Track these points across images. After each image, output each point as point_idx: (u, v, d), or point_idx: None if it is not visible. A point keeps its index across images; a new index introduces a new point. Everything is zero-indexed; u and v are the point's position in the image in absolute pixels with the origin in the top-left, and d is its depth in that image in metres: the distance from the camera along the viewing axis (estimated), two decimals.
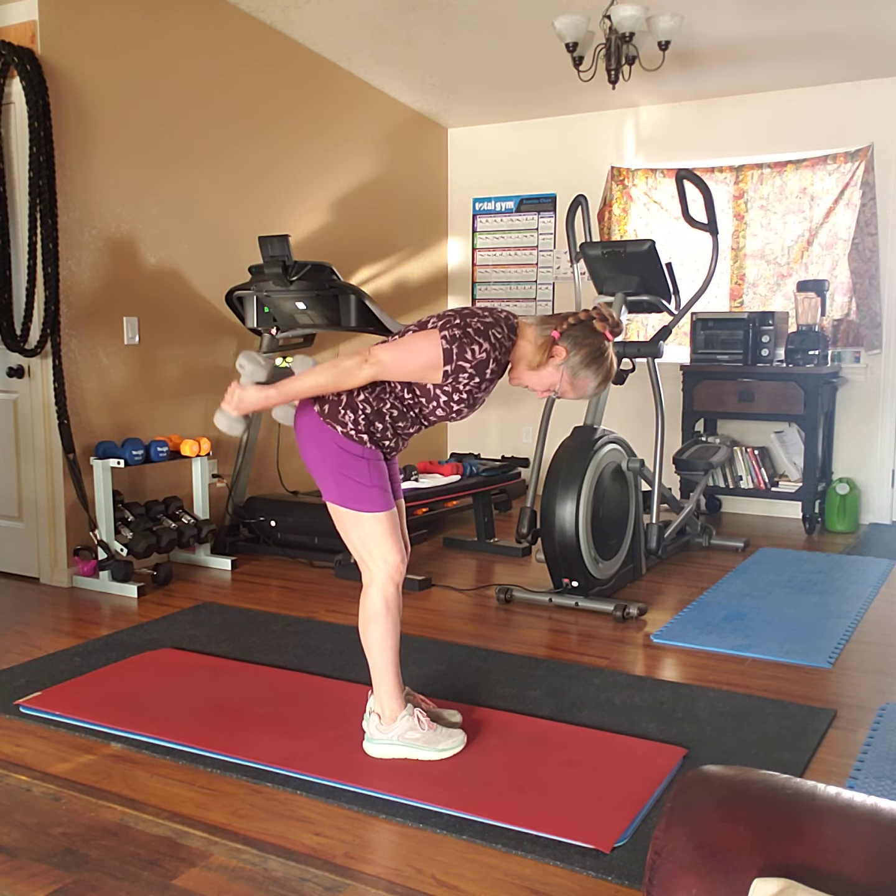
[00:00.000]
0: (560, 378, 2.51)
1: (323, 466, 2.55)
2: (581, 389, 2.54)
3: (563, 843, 2.19)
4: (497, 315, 2.50)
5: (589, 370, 2.50)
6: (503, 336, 2.47)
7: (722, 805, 1.17)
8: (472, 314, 2.48)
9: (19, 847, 2.20)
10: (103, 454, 4.30)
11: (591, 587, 4.05)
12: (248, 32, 5.09)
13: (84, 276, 4.37)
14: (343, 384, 2.46)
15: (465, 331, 2.42)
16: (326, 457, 2.54)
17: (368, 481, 2.53)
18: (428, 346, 2.43)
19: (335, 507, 2.58)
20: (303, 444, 2.59)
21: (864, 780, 2.49)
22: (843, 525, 5.59)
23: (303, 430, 2.58)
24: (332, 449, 2.52)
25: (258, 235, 4.70)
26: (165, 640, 3.62)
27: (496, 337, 2.45)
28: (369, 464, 2.54)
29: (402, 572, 2.60)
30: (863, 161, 5.51)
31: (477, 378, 2.45)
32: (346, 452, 2.52)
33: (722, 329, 5.67)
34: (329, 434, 2.52)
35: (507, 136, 6.68)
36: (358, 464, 2.53)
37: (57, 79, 4.16)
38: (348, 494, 2.53)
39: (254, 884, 2.05)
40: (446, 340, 2.42)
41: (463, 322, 2.45)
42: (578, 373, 2.50)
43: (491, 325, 2.45)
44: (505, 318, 2.51)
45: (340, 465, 2.52)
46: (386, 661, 2.61)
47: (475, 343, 2.41)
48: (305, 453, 2.59)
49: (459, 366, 2.42)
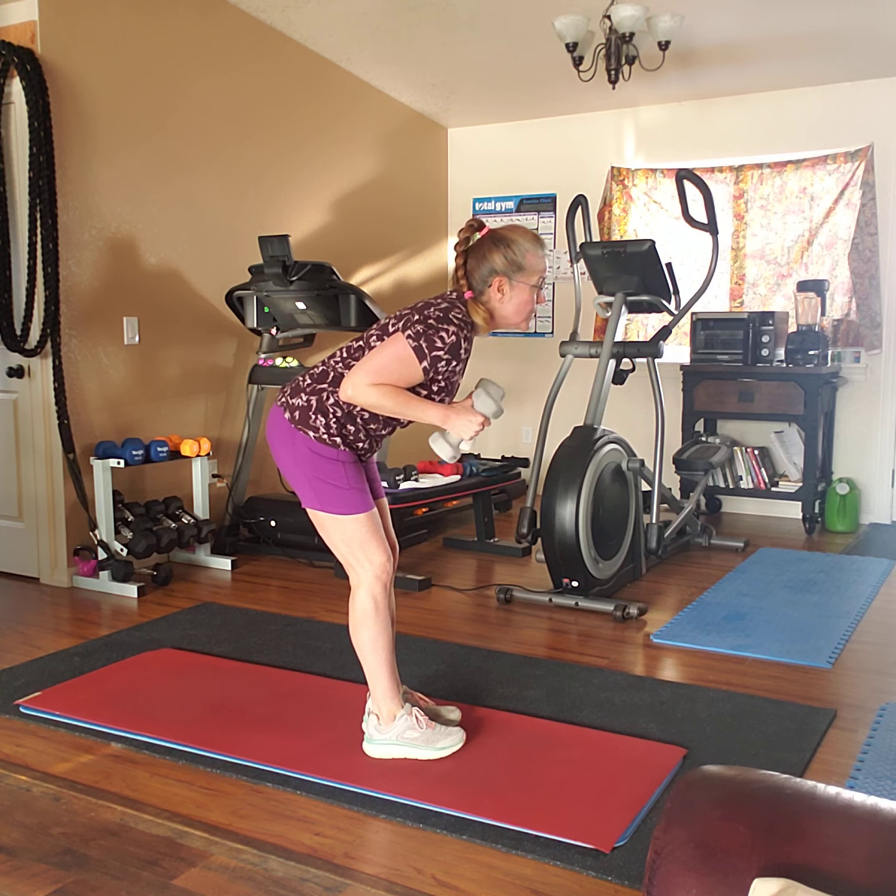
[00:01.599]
0: (514, 292, 2.53)
1: (298, 473, 2.54)
2: (535, 271, 2.54)
3: (563, 843, 2.19)
4: (449, 298, 2.54)
5: (514, 255, 2.51)
6: (463, 314, 2.50)
7: (722, 805, 1.17)
8: (426, 306, 2.51)
9: (19, 847, 2.19)
10: (103, 454, 4.30)
11: (590, 587, 4.05)
12: (248, 32, 5.09)
13: (84, 276, 4.37)
14: (389, 407, 2.46)
15: (426, 323, 2.45)
16: (301, 463, 2.53)
17: (346, 484, 2.53)
18: (397, 350, 2.44)
19: (315, 513, 2.57)
20: (277, 451, 2.59)
21: (865, 780, 2.49)
22: (843, 525, 5.59)
23: (276, 438, 2.58)
24: (306, 454, 2.52)
25: (258, 235, 4.70)
26: (165, 640, 3.62)
27: (458, 318, 2.47)
28: (345, 466, 2.53)
29: (389, 571, 2.60)
30: (863, 161, 5.51)
31: (454, 361, 2.48)
32: (320, 457, 2.51)
33: (722, 329, 5.67)
34: (302, 440, 2.52)
35: (507, 136, 6.68)
36: (333, 467, 2.52)
37: (57, 79, 4.16)
38: (326, 499, 2.53)
39: (254, 884, 2.05)
40: (412, 339, 2.44)
41: (421, 316, 2.47)
42: (514, 273, 2.52)
43: (448, 309, 2.48)
44: (458, 298, 2.54)
45: (315, 470, 2.52)
46: (379, 661, 2.61)
47: (441, 330, 2.44)
48: (280, 461, 2.58)
49: (435, 356, 2.44)
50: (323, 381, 2.54)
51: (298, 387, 2.57)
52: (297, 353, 5.28)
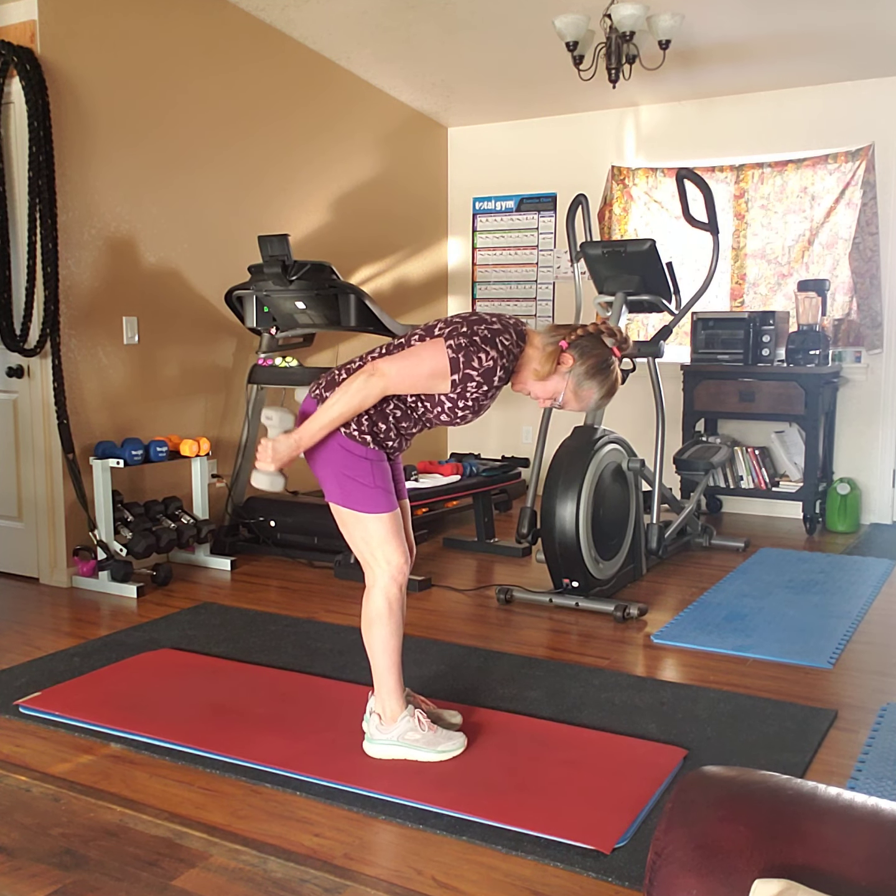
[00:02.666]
0: (564, 387, 2.50)
1: (326, 467, 2.54)
2: (584, 400, 2.53)
3: (564, 843, 2.18)
4: (506, 322, 2.49)
5: (594, 381, 2.50)
6: (511, 343, 2.45)
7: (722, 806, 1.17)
8: (479, 321, 2.46)
9: (18, 847, 2.19)
10: (103, 454, 4.30)
11: (591, 587, 4.04)
12: (248, 31, 5.09)
13: (83, 276, 4.36)
14: (360, 405, 2.43)
15: (471, 339, 2.40)
16: (329, 458, 2.53)
17: (371, 482, 2.52)
18: (433, 356, 2.41)
19: (338, 508, 2.57)
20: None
21: (865, 781, 2.49)
22: (844, 525, 5.58)
23: None
24: (335, 450, 2.52)
25: (258, 235, 4.69)
26: (165, 640, 3.62)
27: (503, 344, 2.43)
28: (372, 465, 2.53)
29: (406, 573, 2.59)
30: (863, 160, 5.50)
31: (485, 386, 2.43)
32: (349, 453, 2.51)
33: (722, 329, 5.67)
34: (332, 435, 2.51)
35: (507, 136, 6.67)
36: (361, 464, 2.52)
37: (56, 78, 4.15)
38: (351, 495, 2.52)
39: (253, 885, 2.05)
40: (452, 349, 2.40)
41: (469, 330, 2.43)
42: (583, 383, 2.49)
43: (499, 333, 2.44)
44: (514, 325, 2.50)
45: (343, 466, 2.52)
46: (388, 662, 2.61)
47: (482, 351, 2.39)
48: (308, 453, 2.58)
49: (467, 374, 2.40)
50: None
51: (333, 380, 2.55)
52: (297, 353, 5.28)
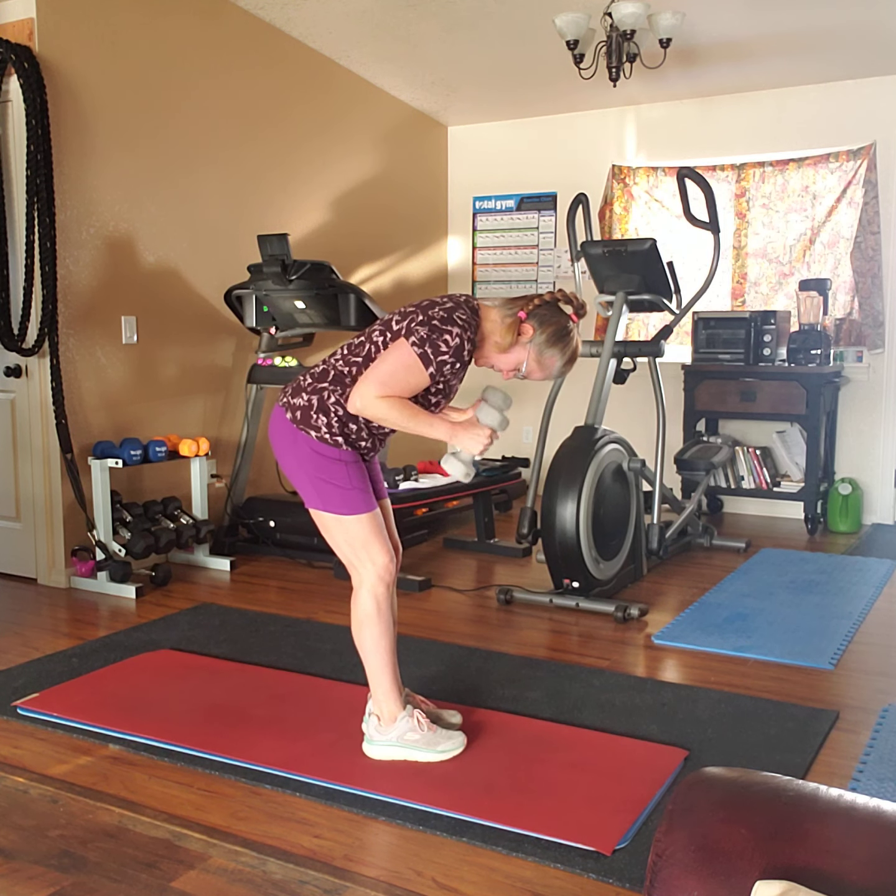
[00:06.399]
0: (526, 357, 2.55)
1: (301, 473, 2.53)
2: (547, 368, 2.58)
3: (564, 845, 2.17)
4: (456, 299, 2.52)
5: (555, 349, 2.55)
6: (468, 316, 2.48)
7: (724, 807, 1.16)
8: (431, 304, 2.49)
9: (17, 849, 2.18)
10: (101, 454, 4.29)
11: (591, 588, 4.03)
12: (247, 30, 5.08)
13: (82, 275, 4.35)
14: (401, 424, 2.45)
15: (430, 325, 2.43)
16: (303, 463, 2.52)
17: (348, 484, 2.51)
18: (403, 359, 2.43)
19: (318, 513, 2.56)
20: (279, 452, 2.57)
21: (867, 782, 2.48)
22: (846, 525, 5.57)
23: (278, 439, 2.56)
24: (309, 454, 2.50)
25: (257, 234, 4.69)
26: (164, 641, 3.61)
27: (462, 318, 2.46)
28: (347, 466, 2.52)
29: (392, 572, 2.59)
30: (865, 159, 5.50)
31: (457, 363, 2.47)
32: (322, 457, 2.50)
33: (723, 328, 5.66)
34: (303, 440, 2.50)
35: (507, 134, 6.67)
36: (335, 467, 2.51)
37: (55, 76, 4.15)
38: (329, 499, 2.52)
39: (253, 886, 2.04)
40: (417, 346, 2.42)
41: (425, 317, 2.45)
42: (545, 351, 2.54)
43: (453, 310, 2.47)
44: (465, 301, 2.53)
45: (318, 470, 2.51)
46: (381, 662, 2.60)
47: (445, 332, 2.42)
48: (283, 461, 2.57)
49: (440, 361, 2.43)
50: (324, 381, 2.53)
51: (299, 386, 2.56)
52: (297, 353, 5.27)
